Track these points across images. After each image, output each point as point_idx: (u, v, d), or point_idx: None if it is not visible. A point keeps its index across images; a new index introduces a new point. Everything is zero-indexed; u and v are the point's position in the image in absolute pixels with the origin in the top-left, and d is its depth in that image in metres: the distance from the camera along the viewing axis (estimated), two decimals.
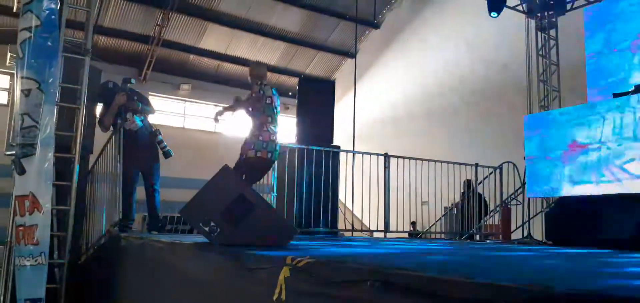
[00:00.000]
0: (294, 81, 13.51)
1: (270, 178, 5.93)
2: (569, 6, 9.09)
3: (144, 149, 5.13)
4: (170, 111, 14.72)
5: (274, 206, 5.76)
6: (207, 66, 14.85)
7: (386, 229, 6.75)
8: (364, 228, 7.76)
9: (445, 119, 12.63)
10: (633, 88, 5.83)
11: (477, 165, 7.55)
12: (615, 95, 6.12)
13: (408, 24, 14.49)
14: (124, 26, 13.19)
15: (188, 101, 15.12)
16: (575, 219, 5.61)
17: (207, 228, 2.82)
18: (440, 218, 8.76)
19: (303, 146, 6.23)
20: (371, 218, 6.97)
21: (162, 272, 3.18)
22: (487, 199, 7.79)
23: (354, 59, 13.12)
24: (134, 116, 5.11)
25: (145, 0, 12.65)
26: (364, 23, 14.78)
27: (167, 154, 5.17)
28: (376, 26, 15.34)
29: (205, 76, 14.89)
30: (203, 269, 2.67)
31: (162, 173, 5.40)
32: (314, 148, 6.24)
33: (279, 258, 2.07)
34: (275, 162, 5.05)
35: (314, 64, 15.86)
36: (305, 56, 15.55)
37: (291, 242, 3.11)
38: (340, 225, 7.17)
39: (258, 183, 7.00)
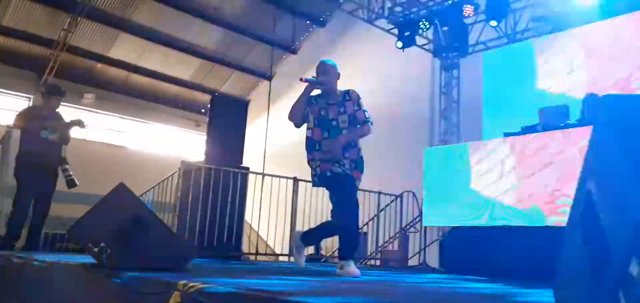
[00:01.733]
0: (207, 98, 13.30)
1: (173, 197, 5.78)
2: (470, 49, 9.82)
3: (45, 169, 4.84)
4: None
5: (175, 227, 5.60)
6: (115, 76, 14.20)
7: (291, 252, 6.79)
8: (269, 251, 7.75)
9: None
10: (521, 129, 6.41)
11: (380, 193, 7.85)
12: (506, 134, 6.68)
13: (324, 53, 14.78)
14: (25, 27, 12.29)
15: (92, 111, 14.32)
16: (467, 248, 6.00)
17: (96, 249, 2.68)
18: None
19: (211, 166, 6.14)
20: (276, 241, 6.99)
21: (45, 295, 2.98)
22: None
23: (269, 81, 13.21)
24: (50, 131, 4.87)
25: (52, 1, 11.89)
26: (282, 48, 14.95)
27: (71, 184, 4.92)
28: (294, 52, 15.57)
29: (112, 86, 14.22)
30: (90, 293, 2.54)
31: (59, 187, 5.10)
32: (223, 168, 6.18)
33: (170, 283, 2.03)
34: None
35: (229, 83, 15.73)
36: (220, 74, 15.38)
37: (189, 265, 3.04)
38: (245, 248, 7.12)
39: (160, 201, 6.80)
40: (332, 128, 3.85)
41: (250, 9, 13.43)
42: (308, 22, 14.58)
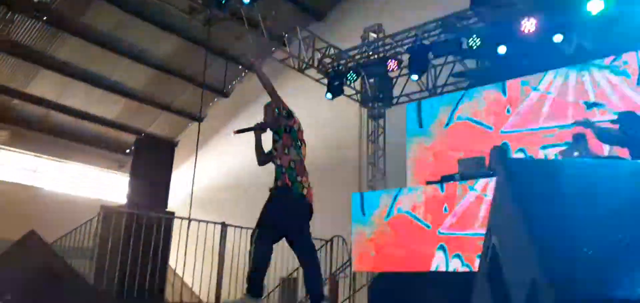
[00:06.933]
0: (132, 139, 12.88)
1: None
2: (395, 101, 10.24)
3: None
4: None
5: (92, 275, 5.30)
6: (33, 113, 13.43)
7: (217, 300, 6.59)
8: (193, 299, 7.48)
9: None
10: (441, 178, 6.73)
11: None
12: (428, 183, 6.98)
13: (256, 97, 14.83)
14: None
15: (4, 149, 13.42)
16: (395, 293, 6.12)
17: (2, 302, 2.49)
18: (274, 289, 8.85)
19: (133, 211, 5.91)
20: (203, 287, 6.77)
21: None
22: None
23: (199, 123, 13.00)
24: None
25: None
26: (213, 90, 14.84)
27: None
28: (225, 95, 15.50)
29: (29, 123, 13.42)
30: None
31: None
32: (145, 212, 5.96)
33: None
34: None
35: (157, 124, 15.33)
36: (147, 115, 14.96)
37: None
38: (169, 296, 6.83)
39: (77, 246, 6.42)
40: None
41: (181, 51, 13.31)
42: (240, 67, 14.63)
